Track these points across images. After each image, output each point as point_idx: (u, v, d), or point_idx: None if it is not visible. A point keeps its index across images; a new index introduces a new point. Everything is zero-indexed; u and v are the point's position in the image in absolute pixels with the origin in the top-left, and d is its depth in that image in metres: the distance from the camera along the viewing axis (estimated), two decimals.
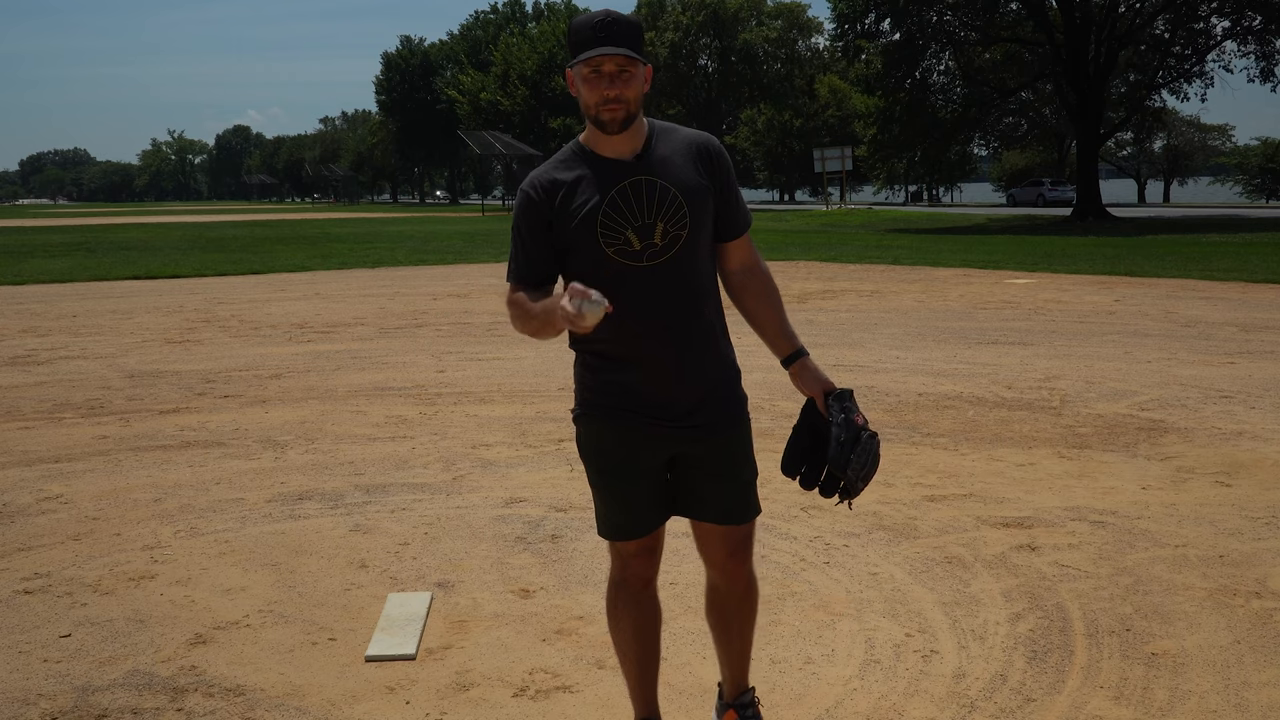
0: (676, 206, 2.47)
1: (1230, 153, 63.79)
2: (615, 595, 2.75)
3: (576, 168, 2.50)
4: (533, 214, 2.51)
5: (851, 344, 10.12)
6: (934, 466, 5.75)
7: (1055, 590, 3.99)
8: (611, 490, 2.63)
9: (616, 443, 2.58)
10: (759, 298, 2.66)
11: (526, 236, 2.53)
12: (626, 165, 2.48)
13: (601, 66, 2.39)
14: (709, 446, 2.59)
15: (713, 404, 2.58)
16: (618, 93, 2.40)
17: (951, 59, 42.72)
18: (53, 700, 3.27)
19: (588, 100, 2.43)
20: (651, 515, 2.63)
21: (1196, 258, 19.83)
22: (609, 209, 2.46)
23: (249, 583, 4.23)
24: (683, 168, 2.51)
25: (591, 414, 2.60)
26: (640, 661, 2.79)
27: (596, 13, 2.42)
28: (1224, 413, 6.92)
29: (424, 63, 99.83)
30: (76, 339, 11.45)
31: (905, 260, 20.96)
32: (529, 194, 2.51)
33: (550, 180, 2.50)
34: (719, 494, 2.62)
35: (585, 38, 2.38)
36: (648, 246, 2.47)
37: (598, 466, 2.64)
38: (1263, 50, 37.68)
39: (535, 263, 2.53)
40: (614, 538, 2.67)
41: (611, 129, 2.44)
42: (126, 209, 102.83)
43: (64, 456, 6.29)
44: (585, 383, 2.61)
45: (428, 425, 6.98)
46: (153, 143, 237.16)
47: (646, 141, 2.52)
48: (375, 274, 19.91)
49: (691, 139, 2.57)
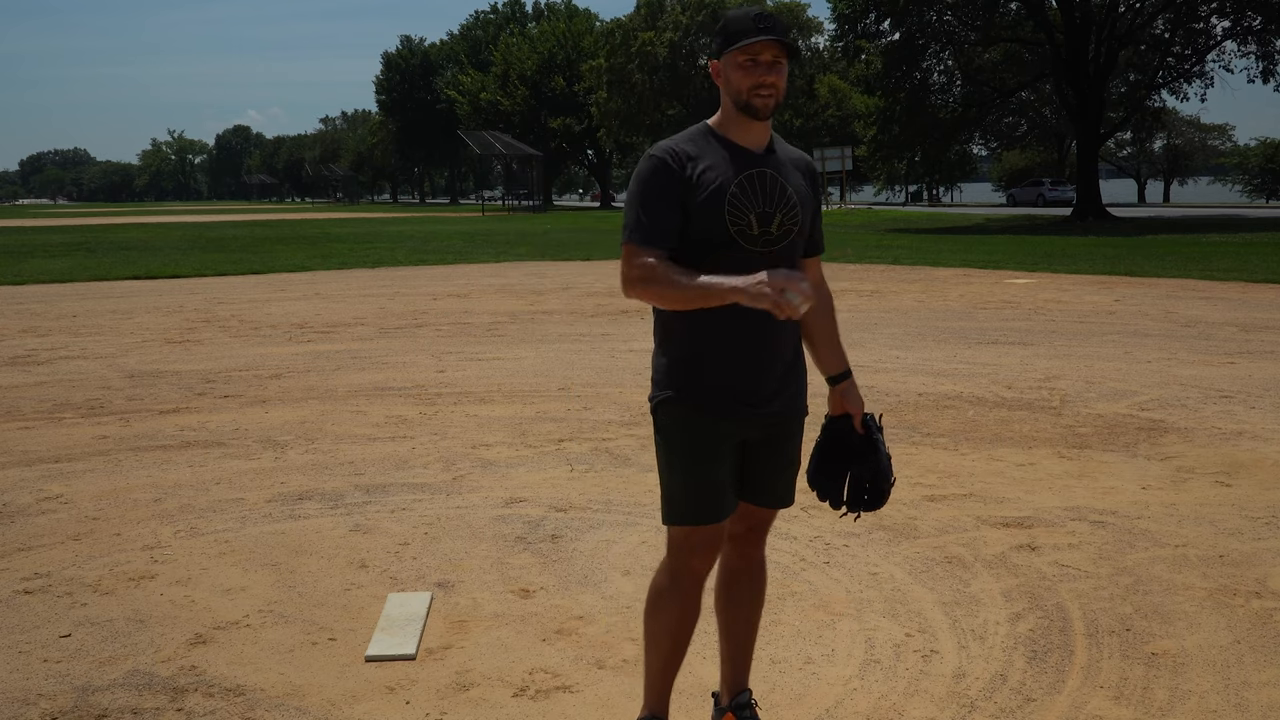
0: (793, 205, 2.62)
1: (1230, 153, 63.75)
2: (666, 589, 2.74)
3: (708, 146, 2.61)
4: (667, 177, 2.55)
5: (851, 344, 10.10)
6: (934, 466, 5.75)
7: (1055, 590, 3.99)
8: (697, 475, 2.63)
9: (708, 428, 2.62)
10: (819, 314, 2.80)
11: (657, 199, 2.55)
12: (756, 155, 2.61)
13: (760, 55, 2.52)
14: (780, 432, 2.71)
15: (791, 395, 2.70)
16: (774, 80, 2.54)
17: (951, 59, 42.73)
18: (53, 700, 3.27)
19: (740, 86, 2.54)
20: (728, 500, 2.69)
21: (1196, 258, 19.83)
22: (738, 189, 2.56)
23: (249, 583, 4.23)
24: (795, 175, 2.68)
25: (682, 398, 2.62)
26: (669, 658, 2.81)
27: (752, 8, 2.59)
28: (1224, 413, 6.92)
29: (424, 63, 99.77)
30: (76, 339, 11.45)
31: (905, 260, 20.96)
32: (664, 159, 2.56)
33: (684, 152, 2.58)
34: (776, 479, 2.75)
35: (745, 27, 2.52)
36: (764, 234, 2.58)
37: (686, 451, 2.64)
38: (1263, 50, 37.68)
39: (667, 225, 2.54)
40: (694, 521, 2.66)
41: (763, 114, 2.55)
42: (126, 209, 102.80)
43: (64, 456, 6.29)
44: (668, 366, 2.64)
45: (428, 425, 6.98)
46: (153, 143, 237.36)
47: (770, 140, 2.66)
48: (375, 274, 19.91)
49: (800, 155, 2.75)
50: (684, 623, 2.77)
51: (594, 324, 12.08)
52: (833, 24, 42.14)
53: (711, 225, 2.55)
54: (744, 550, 2.85)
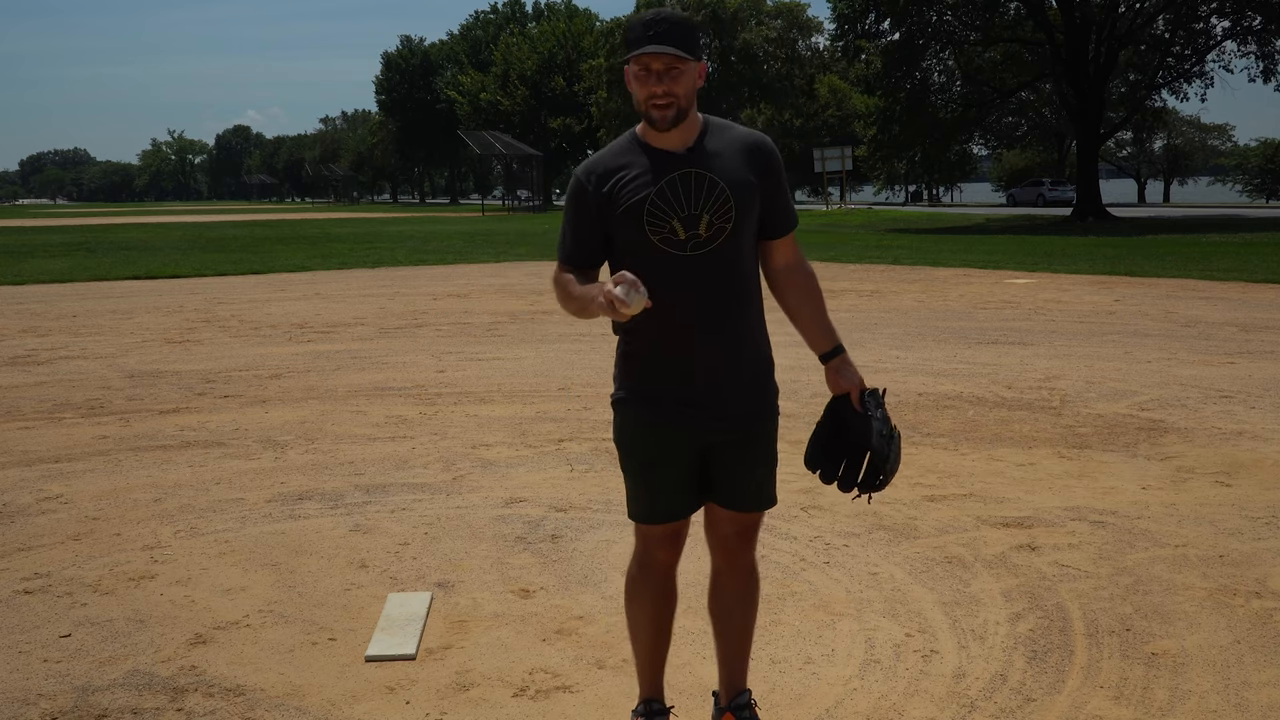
0: (723, 200, 2.54)
1: (1230, 153, 63.74)
2: (637, 577, 2.81)
3: (630, 157, 2.58)
4: (584, 199, 2.59)
5: (851, 344, 10.10)
6: (934, 466, 5.75)
7: (1055, 590, 3.99)
8: (641, 476, 2.69)
9: (648, 432, 2.65)
10: (802, 295, 2.72)
11: (577, 220, 2.61)
12: (678, 157, 2.55)
13: (650, 64, 2.47)
14: (738, 439, 2.65)
15: (745, 398, 2.64)
16: (665, 89, 2.47)
17: (951, 59, 42.71)
18: (53, 700, 3.27)
19: (639, 96, 2.51)
20: (678, 502, 2.69)
21: (1196, 258, 19.83)
22: (657, 198, 2.53)
23: (249, 583, 4.23)
24: (732, 163, 2.57)
25: (627, 401, 2.67)
26: (652, 644, 2.85)
27: (649, 11, 2.52)
28: (1224, 413, 6.92)
29: (424, 63, 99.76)
30: (76, 339, 11.45)
31: (905, 260, 20.96)
32: (581, 181, 2.60)
33: (603, 168, 2.59)
34: (742, 483, 2.70)
35: (637, 35, 2.48)
36: (692, 237, 2.54)
37: (629, 452, 2.70)
38: (1263, 50, 37.68)
39: (583, 245, 2.61)
40: (641, 521, 2.74)
41: (661, 125, 2.51)
42: (126, 209, 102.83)
43: (64, 456, 6.29)
44: (624, 369, 2.69)
45: (428, 425, 6.98)
46: (153, 143, 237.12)
47: (699, 136, 2.58)
48: (375, 274, 19.91)
49: (745, 137, 2.63)
50: (660, 609, 2.82)
51: (594, 324, 12.07)
52: (833, 24, 42.16)
53: (633, 236, 2.55)
54: (732, 555, 2.79)
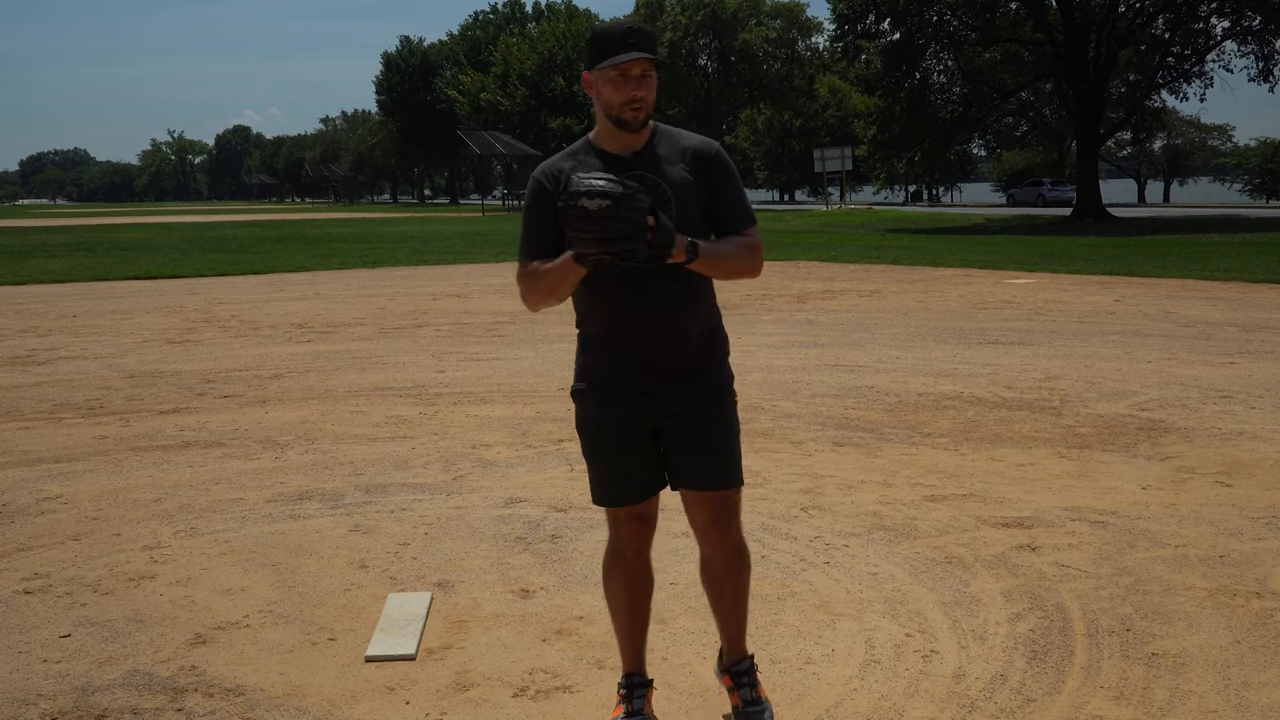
0: (666, 200, 2.69)
1: (1230, 153, 63.72)
2: (610, 560, 2.98)
3: (585, 159, 2.76)
4: (541, 199, 2.75)
5: (851, 344, 10.11)
6: (934, 466, 5.75)
7: (1055, 590, 3.99)
8: (600, 461, 2.89)
9: (603, 418, 2.83)
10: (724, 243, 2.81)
11: (539, 217, 2.76)
12: (627, 160, 2.73)
13: (630, 70, 2.65)
14: (690, 422, 2.79)
15: (696, 384, 2.79)
16: (644, 94, 2.67)
17: (951, 59, 42.70)
18: (53, 700, 3.27)
19: (613, 100, 2.67)
20: (638, 485, 2.86)
21: (1196, 258, 19.83)
22: None
23: (249, 583, 4.23)
24: (676, 167, 2.74)
25: (585, 392, 2.85)
26: (629, 623, 3.00)
27: (622, 21, 2.71)
28: (1224, 413, 6.92)
29: (424, 63, 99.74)
30: (76, 339, 11.45)
31: (905, 260, 20.96)
32: (539, 181, 2.78)
33: (558, 169, 2.76)
34: (699, 464, 2.83)
35: (618, 44, 2.64)
36: None
37: (588, 438, 2.90)
38: (1262, 50, 37.68)
39: (545, 239, 2.75)
40: (603, 504, 2.92)
41: (633, 127, 2.70)
42: (126, 209, 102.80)
43: (64, 456, 6.29)
44: (581, 361, 2.87)
45: (428, 425, 6.98)
46: (153, 143, 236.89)
47: (649, 141, 2.77)
48: (375, 274, 19.92)
49: (690, 142, 2.80)
50: (633, 589, 2.96)
51: None
52: (833, 24, 42.16)
53: None
54: (714, 541, 2.89)
